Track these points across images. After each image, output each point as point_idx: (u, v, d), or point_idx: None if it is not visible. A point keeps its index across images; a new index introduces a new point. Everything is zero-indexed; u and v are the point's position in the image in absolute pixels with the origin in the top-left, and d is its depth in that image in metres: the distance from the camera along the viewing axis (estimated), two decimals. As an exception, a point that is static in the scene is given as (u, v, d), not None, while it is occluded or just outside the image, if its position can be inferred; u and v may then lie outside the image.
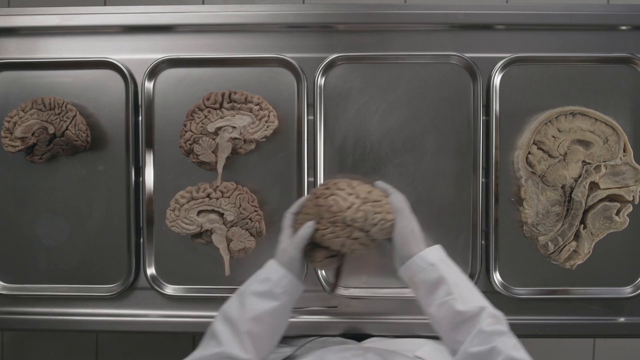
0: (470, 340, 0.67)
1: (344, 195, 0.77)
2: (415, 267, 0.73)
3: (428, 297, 0.72)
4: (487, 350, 0.65)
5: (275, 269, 0.75)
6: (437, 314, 0.71)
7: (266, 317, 0.71)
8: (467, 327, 0.68)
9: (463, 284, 0.72)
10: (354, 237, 0.76)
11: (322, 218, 0.76)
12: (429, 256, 0.73)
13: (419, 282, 0.73)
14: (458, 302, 0.69)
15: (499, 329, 0.67)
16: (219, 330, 0.71)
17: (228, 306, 0.74)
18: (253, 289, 0.74)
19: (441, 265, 0.72)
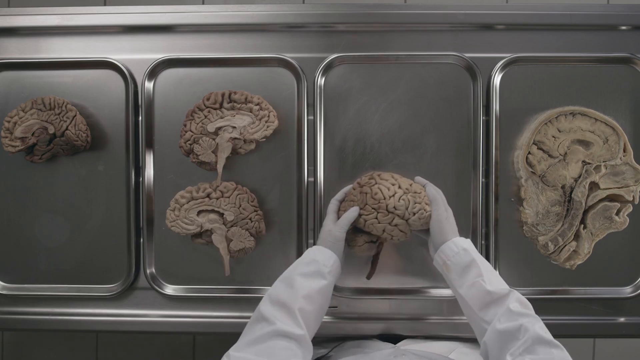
0: (499, 319, 0.71)
1: (387, 185, 0.85)
2: (449, 250, 0.79)
3: (460, 278, 0.77)
4: (515, 327, 0.68)
5: (320, 251, 0.81)
6: (468, 295, 0.76)
7: (316, 296, 0.76)
8: (496, 307, 0.72)
9: (492, 271, 0.78)
10: (395, 223, 0.84)
11: (366, 204, 0.84)
12: (461, 242, 0.80)
13: (452, 265, 0.78)
14: (488, 284, 0.74)
15: (525, 311, 0.71)
16: (268, 312, 0.72)
17: (274, 291, 0.76)
18: (300, 271, 0.78)
19: (473, 251, 0.79)
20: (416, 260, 0.98)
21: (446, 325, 0.98)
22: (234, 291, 0.99)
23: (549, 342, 0.66)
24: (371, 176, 0.87)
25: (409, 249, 0.98)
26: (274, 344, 0.68)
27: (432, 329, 0.98)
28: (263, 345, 0.68)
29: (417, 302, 0.98)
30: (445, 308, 0.98)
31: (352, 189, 0.88)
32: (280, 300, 0.74)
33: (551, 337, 0.67)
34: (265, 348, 0.68)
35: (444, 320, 0.98)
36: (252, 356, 0.67)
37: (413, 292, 0.98)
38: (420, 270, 0.98)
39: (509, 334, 0.68)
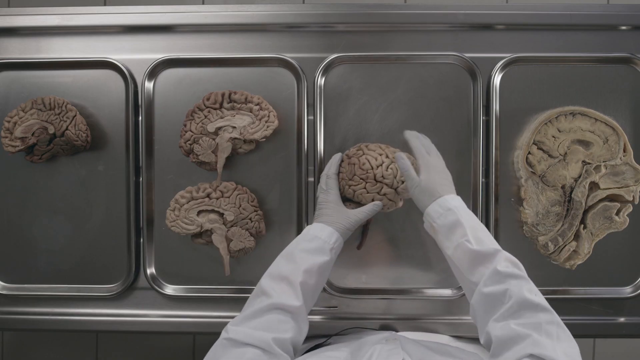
0: (485, 281, 0.69)
1: (375, 155, 0.86)
2: (434, 212, 0.77)
3: (446, 240, 0.75)
4: (500, 291, 0.66)
5: (321, 227, 0.81)
6: (455, 256, 0.74)
7: (317, 271, 0.76)
8: (483, 268, 0.70)
9: (480, 229, 0.75)
10: (383, 192, 0.86)
11: (354, 175, 0.86)
12: (446, 202, 0.77)
13: (438, 227, 0.76)
14: (474, 244, 0.71)
15: (514, 272, 0.68)
16: (268, 287, 0.73)
17: (275, 267, 0.77)
18: (302, 247, 0.78)
19: (458, 210, 0.76)
20: (409, 230, 0.98)
21: (446, 325, 0.98)
22: (234, 291, 0.99)
23: (536, 306, 0.64)
24: (359, 147, 0.89)
25: (402, 221, 0.98)
26: (271, 316, 0.70)
27: (432, 328, 0.98)
28: (260, 319, 0.70)
29: (417, 302, 0.98)
30: (445, 308, 0.98)
31: (341, 160, 0.90)
32: (281, 274, 0.75)
33: (539, 300, 0.65)
34: (263, 321, 0.69)
35: (444, 320, 0.98)
36: (249, 329, 0.68)
37: (413, 292, 0.98)
38: (414, 240, 0.98)
39: (495, 298, 0.67)
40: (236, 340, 0.67)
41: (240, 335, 0.67)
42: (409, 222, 0.97)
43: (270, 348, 0.66)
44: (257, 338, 0.66)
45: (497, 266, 0.68)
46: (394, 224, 0.97)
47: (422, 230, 0.96)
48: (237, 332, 0.68)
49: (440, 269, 0.98)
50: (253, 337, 0.67)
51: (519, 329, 0.62)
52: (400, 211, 0.94)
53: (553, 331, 0.63)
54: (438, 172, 0.82)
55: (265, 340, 0.66)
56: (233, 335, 0.67)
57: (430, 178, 0.80)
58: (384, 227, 0.97)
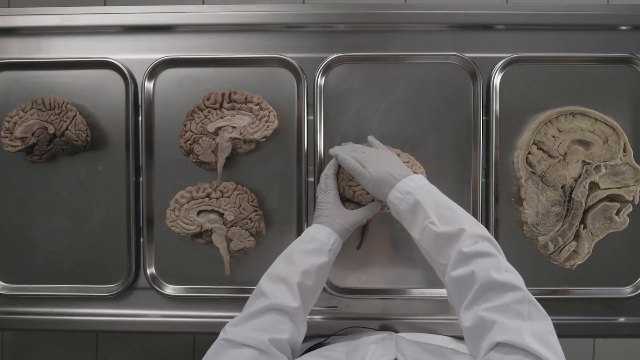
0: (452, 264, 0.66)
1: None
2: (394, 199, 0.75)
3: (411, 224, 0.73)
4: (467, 273, 0.63)
5: (320, 229, 0.80)
6: (421, 240, 0.72)
7: (315, 272, 0.76)
8: (449, 250, 0.67)
9: (443, 207, 0.71)
10: None
11: (354, 176, 0.83)
12: (404, 185, 0.74)
13: (402, 213, 0.74)
14: (437, 224, 0.69)
15: (479, 249, 0.64)
16: (266, 288, 0.73)
17: (274, 268, 0.77)
18: (301, 248, 0.78)
19: (419, 192, 0.73)
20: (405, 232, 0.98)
21: (445, 326, 0.98)
22: (234, 291, 0.99)
23: (504, 285, 0.61)
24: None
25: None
26: (268, 317, 0.70)
27: (432, 329, 0.98)
28: (258, 320, 0.70)
29: (416, 302, 0.98)
30: (444, 308, 0.98)
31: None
32: (279, 275, 0.75)
33: (508, 277, 0.61)
34: (260, 322, 0.70)
35: (444, 320, 0.98)
36: (246, 330, 0.68)
37: (413, 293, 0.98)
38: (413, 240, 0.98)
39: (463, 281, 0.64)
40: (233, 341, 0.67)
41: (237, 336, 0.67)
42: (409, 222, 0.97)
43: (267, 349, 0.66)
44: (254, 339, 0.67)
45: (462, 247, 0.65)
46: (393, 225, 0.97)
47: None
48: (234, 332, 0.68)
49: (440, 269, 0.98)
50: (250, 338, 0.67)
51: (486, 315, 0.59)
52: (400, 211, 0.94)
53: (524, 310, 0.59)
54: (384, 161, 0.79)
55: (262, 341, 0.66)
56: (230, 335, 0.68)
57: (379, 167, 0.78)
58: (383, 228, 0.97)
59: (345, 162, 0.82)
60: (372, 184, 0.78)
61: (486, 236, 0.67)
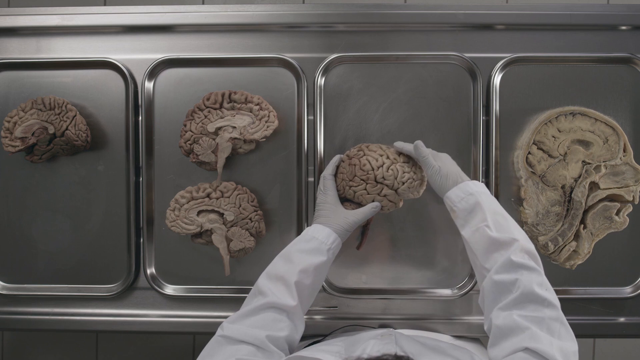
0: (497, 268, 0.69)
1: (375, 156, 0.86)
2: (455, 196, 0.78)
3: (466, 223, 0.76)
4: (510, 280, 0.66)
5: (319, 228, 0.81)
6: (472, 240, 0.74)
7: (313, 271, 0.77)
8: (497, 255, 0.70)
9: (501, 214, 0.75)
10: (384, 194, 0.85)
11: (355, 176, 0.85)
12: (468, 187, 0.78)
13: (458, 211, 0.77)
14: (492, 230, 0.72)
15: (528, 263, 0.68)
16: (264, 286, 0.74)
17: (272, 266, 0.78)
18: (299, 247, 0.79)
19: (481, 195, 0.76)
20: (409, 230, 0.98)
21: (445, 325, 0.98)
22: (234, 291, 0.99)
23: (543, 300, 0.64)
24: (359, 148, 0.89)
25: (402, 221, 0.98)
26: (266, 315, 0.71)
27: (431, 328, 0.98)
28: (255, 317, 0.71)
29: (416, 302, 0.98)
30: (444, 308, 0.98)
31: (341, 161, 0.90)
32: (277, 274, 0.75)
33: (547, 295, 0.65)
34: (258, 319, 0.70)
35: (443, 320, 0.98)
36: (244, 327, 0.69)
37: (412, 293, 0.98)
38: (413, 240, 0.98)
39: (504, 286, 0.67)
40: (231, 338, 0.68)
41: (235, 333, 0.68)
42: (408, 223, 0.97)
43: (265, 345, 0.67)
44: (251, 335, 0.67)
45: (512, 255, 0.68)
46: (393, 225, 0.97)
47: (422, 230, 0.96)
48: (232, 329, 0.68)
49: (439, 269, 0.98)
50: (247, 335, 0.67)
51: (520, 321, 0.62)
52: (400, 211, 0.94)
53: (555, 328, 0.63)
54: (451, 161, 0.84)
55: (259, 337, 0.67)
56: (228, 332, 0.68)
57: (447, 166, 0.82)
58: (383, 228, 0.97)
59: (421, 149, 0.84)
60: (438, 177, 0.81)
61: (534, 253, 0.70)
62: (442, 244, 0.97)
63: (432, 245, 0.97)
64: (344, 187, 0.87)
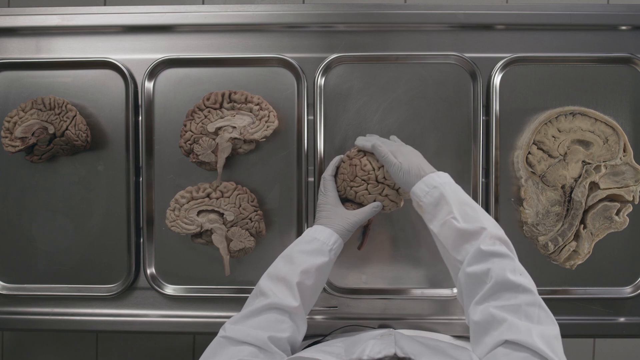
0: (469, 260, 0.67)
1: (376, 157, 0.85)
2: (420, 191, 0.77)
3: (433, 218, 0.75)
4: (482, 270, 0.65)
5: (320, 229, 0.81)
6: (441, 234, 0.73)
7: (315, 272, 0.76)
8: (467, 247, 0.69)
9: (466, 205, 0.73)
10: (385, 194, 0.85)
11: (356, 176, 0.85)
12: (432, 179, 0.77)
13: (424, 206, 0.76)
14: (459, 221, 0.70)
15: (498, 249, 0.66)
16: (266, 287, 0.74)
17: (274, 267, 0.78)
18: (300, 248, 0.79)
19: (444, 187, 0.75)
20: (409, 230, 0.98)
21: (445, 325, 0.98)
22: (234, 291, 0.99)
23: (517, 286, 0.62)
24: (360, 148, 0.89)
25: (403, 221, 0.98)
26: (268, 316, 0.70)
27: (431, 328, 0.98)
28: (257, 318, 0.70)
29: (416, 302, 0.98)
30: (444, 308, 0.98)
31: (342, 161, 0.89)
32: (279, 275, 0.75)
33: (522, 280, 0.63)
34: (260, 320, 0.70)
35: (443, 320, 0.98)
36: (246, 328, 0.69)
37: (412, 293, 0.98)
38: (413, 240, 0.98)
39: (477, 278, 0.66)
40: (233, 339, 0.67)
41: (237, 334, 0.68)
42: (408, 223, 0.97)
43: (267, 346, 0.66)
44: (253, 336, 0.67)
45: (481, 245, 0.67)
46: (393, 225, 0.97)
47: (422, 230, 0.96)
48: (234, 330, 0.68)
49: (439, 270, 0.98)
50: (249, 336, 0.67)
51: (497, 312, 0.61)
52: (400, 211, 0.94)
53: (534, 313, 0.61)
54: (414, 154, 0.82)
55: (262, 338, 0.67)
56: (230, 333, 0.68)
57: (410, 160, 0.80)
58: (384, 228, 0.97)
59: (379, 149, 0.82)
60: (401, 174, 0.79)
61: (504, 239, 0.69)
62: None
63: (432, 245, 0.96)
64: (345, 187, 0.87)
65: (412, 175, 0.78)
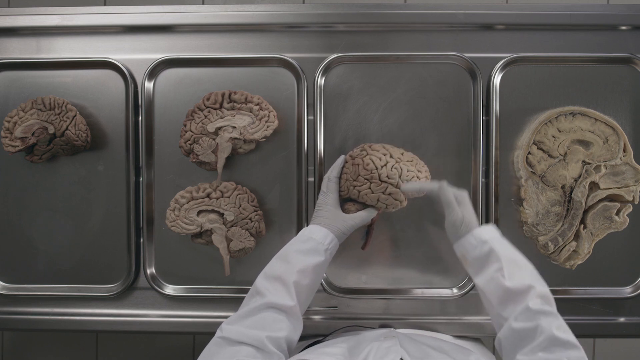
0: (516, 317, 0.69)
1: (379, 155, 0.86)
2: (468, 244, 0.77)
3: (479, 272, 0.75)
4: (531, 327, 0.67)
5: (317, 229, 0.81)
6: (486, 289, 0.74)
7: (311, 271, 0.77)
8: (514, 304, 0.70)
9: (515, 262, 0.74)
10: (388, 192, 0.85)
11: (358, 176, 0.85)
12: (481, 233, 0.77)
13: (471, 260, 0.76)
14: (507, 279, 0.71)
15: (546, 309, 0.68)
16: (262, 286, 0.74)
17: (270, 267, 0.78)
18: (296, 248, 0.79)
19: (493, 242, 0.75)
20: (409, 230, 0.98)
21: (445, 325, 0.98)
22: (234, 291, 0.99)
23: (565, 343, 0.65)
24: (362, 148, 0.89)
25: (403, 224, 0.98)
26: (265, 315, 0.71)
27: (431, 328, 0.98)
28: (254, 318, 0.71)
29: (416, 302, 0.98)
30: (444, 308, 0.98)
31: (345, 161, 0.89)
32: (275, 274, 0.75)
33: (569, 337, 0.66)
34: (257, 320, 0.70)
35: (443, 320, 0.98)
36: (243, 328, 0.69)
37: (413, 293, 0.98)
38: (414, 240, 0.98)
39: (525, 334, 0.67)
40: (230, 339, 0.67)
41: (234, 334, 0.68)
42: (409, 223, 0.97)
43: (264, 346, 0.66)
44: (251, 336, 0.67)
45: (529, 303, 0.69)
46: (394, 225, 0.97)
47: (422, 231, 0.96)
48: (231, 330, 0.68)
49: (439, 270, 0.98)
50: (247, 336, 0.67)
51: None
52: (400, 211, 0.94)
53: None
54: (470, 205, 0.81)
55: (259, 338, 0.67)
56: (227, 334, 0.68)
57: (468, 212, 0.79)
58: (384, 228, 0.97)
59: (446, 192, 0.80)
60: (458, 223, 0.78)
61: (550, 297, 0.71)
62: (443, 244, 0.97)
63: (432, 245, 0.97)
64: (347, 187, 0.87)
65: (464, 227, 0.78)
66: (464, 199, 0.81)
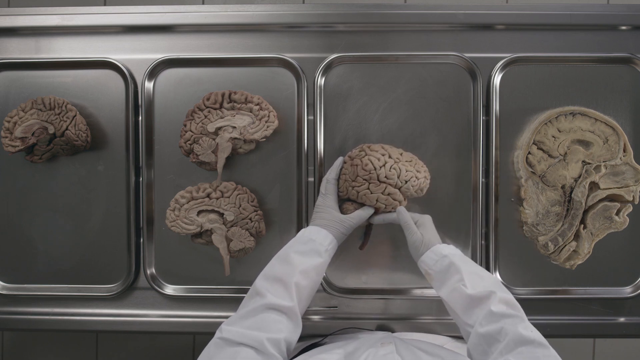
0: (480, 322, 0.70)
1: (377, 156, 0.86)
2: (429, 260, 0.80)
3: (442, 285, 0.78)
4: (496, 330, 0.68)
5: (316, 230, 0.82)
6: (450, 299, 0.76)
7: (311, 272, 0.78)
8: (478, 310, 0.72)
9: (476, 273, 0.77)
10: (388, 192, 0.85)
11: (357, 176, 0.86)
12: (440, 250, 0.81)
13: (433, 274, 0.79)
14: (469, 287, 0.74)
15: (509, 312, 0.70)
16: (262, 287, 0.74)
17: (269, 268, 0.78)
18: (296, 249, 0.79)
19: (453, 257, 0.79)
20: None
21: (444, 326, 0.98)
22: (234, 291, 0.99)
23: (532, 341, 0.65)
24: (361, 148, 0.89)
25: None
26: (265, 316, 0.71)
27: (430, 329, 0.98)
28: (254, 319, 0.70)
29: (416, 302, 0.98)
30: (443, 309, 0.97)
31: (344, 162, 0.90)
32: (275, 275, 0.75)
33: (536, 336, 0.66)
34: (256, 321, 0.70)
35: (442, 320, 0.98)
36: (243, 329, 0.68)
37: (412, 293, 0.98)
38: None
39: (491, 337, 0.68)
40: (230, 340, 0.67)
41: (233, 335, 0.67)
42: (409, 222, 0.97)
43: (264, 348, 0.66)
44: (250, 338, 0.67)
45: (492, 307, 0.70)
46: (394, 225, 0.97)
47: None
48: (230, 331, 0.68)
49: (440, 269, 0.98)
50: (246, 337, 0.67)
51: None
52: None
53: None
54: (432, 226, 0.86)
55: (259, 339, 0.67)
56: (227, 334, 0.68)
57: (428, 233, 0.84)
58: (383, 228, 0.97)
59: (403, 215, 0.85)
60: (417, 243, 0.83)
61: (513, 302, 0.73)
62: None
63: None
64: (346, 187, 0.87)
65: (424, 246, 0.82)
66: (425, 222, 0.85)
